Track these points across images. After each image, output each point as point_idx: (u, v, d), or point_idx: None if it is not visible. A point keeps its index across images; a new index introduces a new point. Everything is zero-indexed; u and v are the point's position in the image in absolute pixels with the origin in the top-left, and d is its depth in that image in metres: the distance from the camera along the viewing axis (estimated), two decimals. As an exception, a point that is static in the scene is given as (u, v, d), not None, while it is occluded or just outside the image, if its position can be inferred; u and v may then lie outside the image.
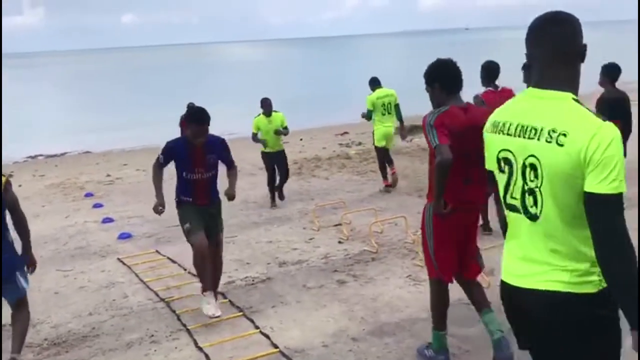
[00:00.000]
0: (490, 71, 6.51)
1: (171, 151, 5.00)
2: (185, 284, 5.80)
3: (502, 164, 2.17)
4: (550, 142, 1.98)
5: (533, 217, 2.08)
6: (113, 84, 55.03)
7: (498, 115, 2.22)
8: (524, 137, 2.07)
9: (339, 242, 6.84)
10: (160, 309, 5.20)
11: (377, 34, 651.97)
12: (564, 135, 1.96)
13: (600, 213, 1.91)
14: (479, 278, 4.11)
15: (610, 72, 7.16)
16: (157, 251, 7.10)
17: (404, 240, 6.60)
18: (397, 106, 9.41)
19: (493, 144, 2.21)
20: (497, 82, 6.53)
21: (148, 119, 26.51)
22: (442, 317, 3.92)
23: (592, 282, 2.02)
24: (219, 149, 5.06)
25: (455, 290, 4.04)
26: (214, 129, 5.06)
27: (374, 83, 9.61)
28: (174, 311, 5.09)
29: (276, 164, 9.20)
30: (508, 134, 2.13)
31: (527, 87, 2.20)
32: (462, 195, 3.65)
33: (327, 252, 6.47)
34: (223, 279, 5.84)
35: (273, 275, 5.85)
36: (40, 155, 18.75)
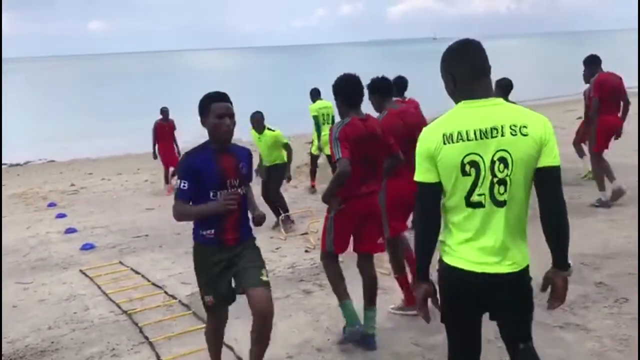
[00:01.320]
0: (399, 85, 7.35)
1: (194, 166, 3.44)
2: (149, 295, 5.71)
3: (468, 168, 2.45)
4: (515, 134, 2.42)
5: (501, 204, 2.47)
6: (79, 91, 54.25)
7: (445, 128, 2.47)
8: (488, 138, 2.42)
9: (306, 251, 6.81)
10: (122, 322, 5.10)
11: (345, 42, 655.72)
12: (525, 127, 2.43)
13: (553, 181, 2.46)
14: None
15: (505, 87, 7.89)
16: (120, 262, 6.97)
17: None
18: (333, 117, 10.06)
19: (453, 152, 2.44)
20: (405, 94, 7.65)
21: (115, 128, 26.18)
22: (342, 287, 4.36)
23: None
24: (247, 159, 3.67)
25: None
26: (184, 139, 4.92)
27: (316, 94, 10.41)
28: (136, 323, 4.99)
29: (271, 178, 8.18)
30: (469, 140, 2.43)
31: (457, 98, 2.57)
32: (358, 192, 4.16)
33: (293, 262, 6.43)
34: (187, 290, 5.77)
35: (238, 285, 5.79)
36: (3, 164, 18.36)
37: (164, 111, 11.84)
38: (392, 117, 4.62)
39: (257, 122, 8.00)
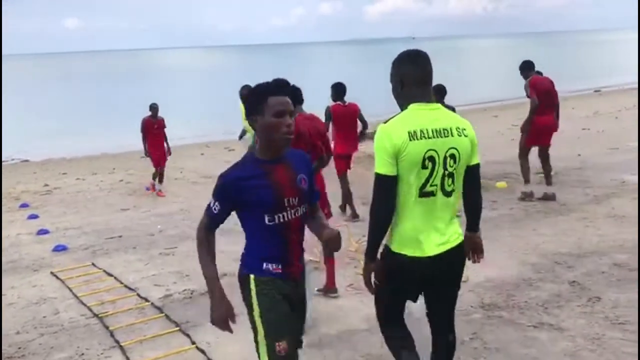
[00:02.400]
0: (338, 89, 8.02)
1: (236, 184, 2.73)
2: (121, 298, 5.61)
3: (427, 162, 2.77)
4: (460, 135, 2.85)
5: (449, 194, 2.87)
6: (54, 89, 53.46)
7: (408, 126, 2.78)
8: (442, 137, 2.80)
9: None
10: (93, 325, 4.99)
11: (324, 42, 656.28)
12: (464, 129, 2.89)
13: (478, 176, 3.00)
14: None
15: (441, 91, 8.23)
16: (93, 264, 6.84)
17: (347, 248, 6.56)
18: None
19: (417, 148, 2.76)
20: (345, 98, 8.05)
21: (90, 127, 25.83)
22: None
23: None
24: (306, 169, 2.94)
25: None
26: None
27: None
28: (107, 327, 4.89)
29: None
30: (429, 138, 2.77)
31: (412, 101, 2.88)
32: None
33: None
34: (160, 293, 5.69)
35: (213, 287, 5.71)
36: (-27, 165, 18.00)
37: (153, 108, 11.18)
38: (300, 121, 4.90)
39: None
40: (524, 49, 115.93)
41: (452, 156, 2.81)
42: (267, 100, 2.73)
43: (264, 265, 2.83)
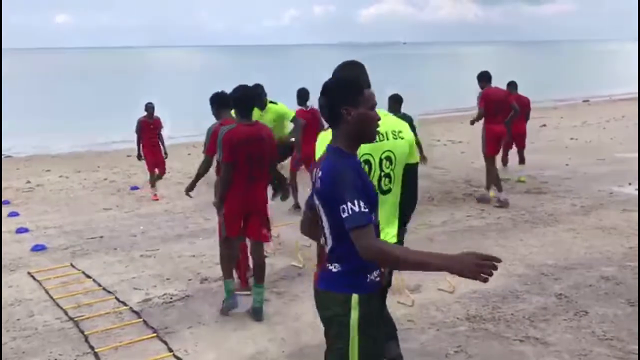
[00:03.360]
0: (302, 95, 8.56)
1: (360, 178, 2.53)
2: (99, 301, 5.45)
3: (363, 165, 2.98)
4: (396, 139, 3.14)
5: (386, 192, 3.14)
6: (41, 85, 52.94)
7: None
8: (377, 142, 2.99)
9: (265, 257, 6.62)
10: (68, 330, 4.84)
11: (316, 44, 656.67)
12: (401, 132, 3.17)
13: (415, 173, 3.29)
14: (404, 297, 4.95)
15: (398, 100, 8.34)
16: (72, 265, 6.68)
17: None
18: None
19: None
20: (308, 103, 8.49)
21: (76, 124, 25.54)
22: (230, 268, 5.07)
23: None
24: None
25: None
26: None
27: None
28: (82, 332, 4.74)
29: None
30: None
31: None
32: (246, 190, 4.83)
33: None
34: (139, 297, 5.55)
35: (193, 292, 5.58)
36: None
37: (149, 107, 10.76)
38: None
39: (258, 96, 6.99)
40: (514, 57, 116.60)
41: (388, 158, 3.11)
42: (364, 93, 2.60)
43: (369, 276, 2.56)
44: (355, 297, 2.52)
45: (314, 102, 8.25)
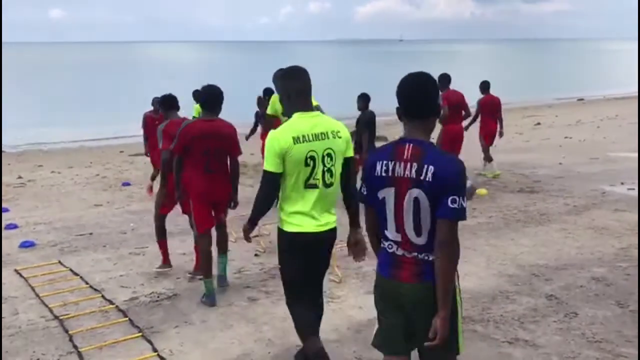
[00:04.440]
0: (270, 95, 8.70)
1: None
2: (85, 299, 5.39)
3: (309, 160, 3.46)
4: (335, 137, 3.53)
5: (329, 186, 3.56)
6: (35, 79, 52.69)
7: (292, 133, 3.44)
8: (320, 140, 3.48)
9: (256, 255, 6.58)
10: (52, 329, 4.77)
11: (312, 41, 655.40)
12: (338, 132, 3.56)
13: (353, 166, 3.68)
14: None
15: (366, 99, 8.84)
16: (59, 262, 6.61)
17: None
18: None
19: (300, 150, 3.44)
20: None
21: (70, 118, 25.43)
22: (209, 266, 5.24)
23: None
24: None
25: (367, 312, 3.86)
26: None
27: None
28: (67, 331, 4.67)
29: None
30: (309, 141, 3.45)
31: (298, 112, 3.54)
32: (203, 180, 5.14)
33: (241, 266, 6.19)
34: (126, 295, 5.49)
35: (181, 291, 5.52)
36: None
37: (156, 102, 10.68)
38: (172, 125, 5.70)
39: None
40: (511, 55, 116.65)
41: (329, 155, 3.51)
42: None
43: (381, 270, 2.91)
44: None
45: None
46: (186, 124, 5.25)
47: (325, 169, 3.50)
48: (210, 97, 5.22)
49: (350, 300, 5.10)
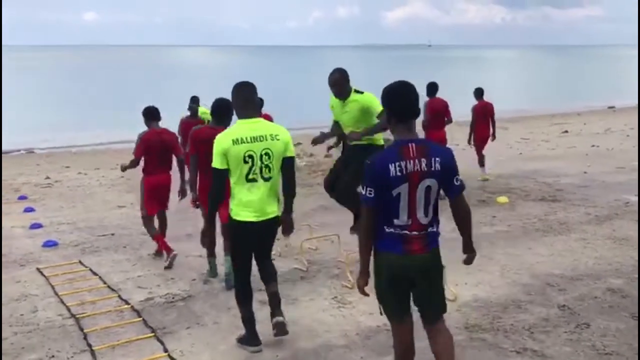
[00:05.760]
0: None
1: None
2: (102, 299, 5.52)
3: (247, 158, 4.14)
4: (273, 140, 4.22)
5: (268, 180, 4.23)
6: (69, 82, 53.70)
7: (233, 136, 4.17)
8: (258, 141, 4.17)
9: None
10: (69, 327, 4.89)
11: (340, 45, 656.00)
12: (277, 135, 4.25)
13: (291, 165, 4.34)
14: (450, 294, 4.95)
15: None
16: (80, 262, 6.76)
17: (337, 258, 6.44)
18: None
19: (238, 150, 4.13)
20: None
21: (100, 120, 25.86)
22: (211, 247, 5.87)
23: None
24: None
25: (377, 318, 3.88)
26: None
27: (196, 101, 11.35)
28: (82, 329, 4.79)
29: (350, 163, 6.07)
30: (247, 142, 4.15)
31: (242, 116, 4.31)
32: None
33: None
34: (142, 295, 5.59)
35: (195, 293, 5.61)
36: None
37: (192, 107, 10.69)
38: (150, 134, 6.68)
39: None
40: (540, 61, 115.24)
41: (267, 154, 4.18)
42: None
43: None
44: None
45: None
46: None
47: (264, 165, 4.18)
48: (217, 109, 5.76)
49: (361, 307, 5.11)
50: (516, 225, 7.75)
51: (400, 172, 3.12)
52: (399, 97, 3.26)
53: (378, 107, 5.71)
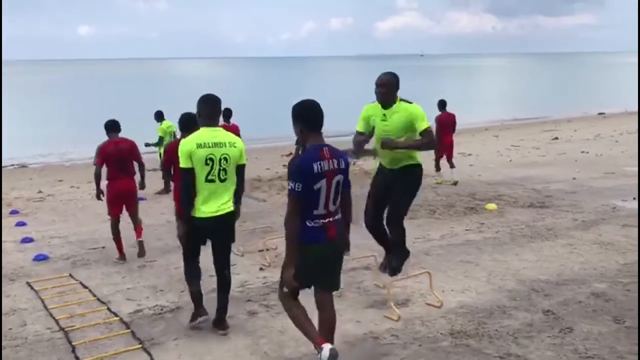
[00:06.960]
0: (226, 114, 10.85)
1: None
2: (91, 311, 5.53)
3: (208, 161, 4.67)
4: (231, 147, 4.79)
5: (223, 181, 4.76)
6: (61, 96, 53.72)
7: (197, 140, 4.69)
8: (218, 147, 4.71)
9: (260, 269, 6.68)
10: (57, 340, 4.91)
11: (334, 56, 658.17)
12: (234, 143, 4.83)
13: (243, 171, 4.95)
14: (390, 312, 5.12)
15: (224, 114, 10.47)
16: (70, 275, 6.79)
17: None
18: (174, 133, 12.25)
19: (201, 153, 4.65)
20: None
21: (92, 133, 25.84)
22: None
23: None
24: None
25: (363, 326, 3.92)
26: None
27: (161, 116, 12.79)
28: (70, 342, 4.81)
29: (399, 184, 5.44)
30: (208, 147, 4.67)
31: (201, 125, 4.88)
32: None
33: (245, 280, 6.29)
34: (130, 308, 5.62)
35: (184, 304, 5.62)
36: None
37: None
38: (109, 144, 7.39)
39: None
40: (531, 69, 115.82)
41: (225, 158, 4.73)
42: None
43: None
44: None
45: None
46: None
47: (221, 168, 4.72)
48: (187, 121, 6.10)
49: (349, 314, 5.16)
50: (504, 232, 7.81)
51: (320, 170, 3.83)
52: (313, 111, 3.97)
53: (425, 123, 5.16)
